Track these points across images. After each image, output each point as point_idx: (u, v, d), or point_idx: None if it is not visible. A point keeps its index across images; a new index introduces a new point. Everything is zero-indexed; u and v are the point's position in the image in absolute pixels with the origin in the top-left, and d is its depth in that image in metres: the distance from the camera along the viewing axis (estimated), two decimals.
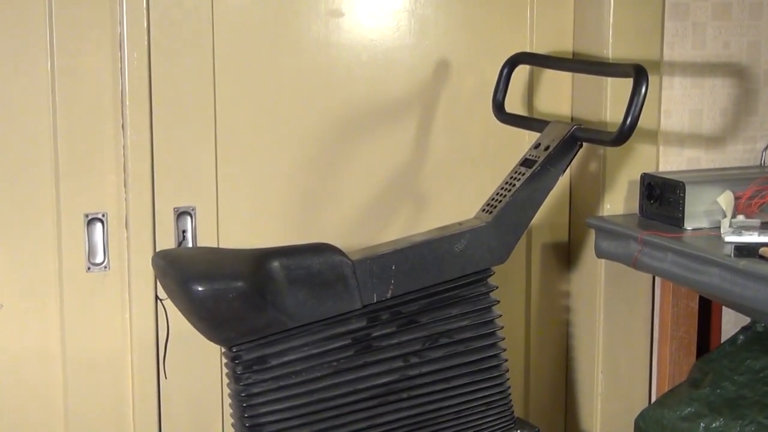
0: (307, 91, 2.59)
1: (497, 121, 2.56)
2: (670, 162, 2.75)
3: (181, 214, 2.53)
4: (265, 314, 2.03)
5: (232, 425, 2.14)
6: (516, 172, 2.30)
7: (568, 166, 2.31)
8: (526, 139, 2.68)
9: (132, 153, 2.46)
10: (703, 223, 2.52)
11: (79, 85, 2.42)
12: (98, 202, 2.47)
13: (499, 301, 2.23)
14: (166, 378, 2.55)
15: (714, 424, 2.43)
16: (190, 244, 2.54)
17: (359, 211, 2.67)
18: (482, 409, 2.25)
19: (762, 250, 2.25)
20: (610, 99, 2.67)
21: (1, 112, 2.39)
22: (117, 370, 2.52)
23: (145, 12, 2.42)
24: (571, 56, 2.76)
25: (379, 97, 2.65)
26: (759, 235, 2.34)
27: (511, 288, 2.83)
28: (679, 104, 2.74)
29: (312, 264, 2.07)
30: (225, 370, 2.13)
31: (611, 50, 2.66)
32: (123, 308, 2.51)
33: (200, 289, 1.98)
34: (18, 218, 2.43)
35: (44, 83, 2.40)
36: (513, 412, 2.30)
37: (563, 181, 2.70)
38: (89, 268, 2.48)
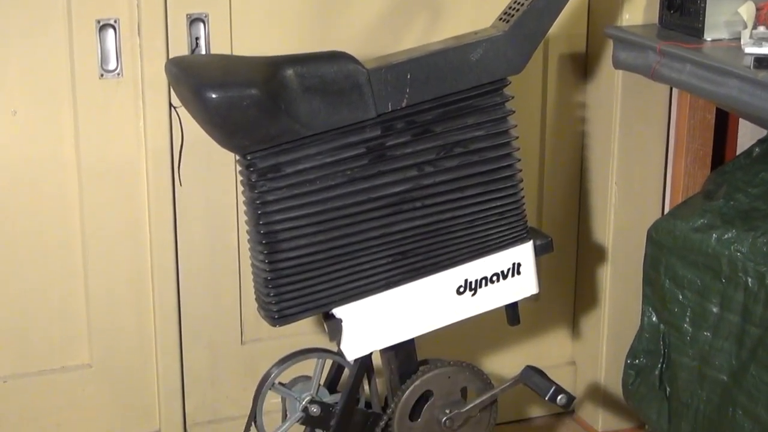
0: None
1: None
2: None
3: (194, 20, 2.50)
4: (279, 122, 2.03)
5: (247, 232, 2.16)
6: None
7: None
8: None
9: None
10: (723, 34, 2.48)
11: None
12: (110, 7, 2.44)
13: (514, 111, 2.22)
14: (181, 185, 2.57)
15: (726, 236, 2.44)
16: (203, 52, 2.52)
17: (375, 20, 2.63)
18: (495, 218, 2.26)
19: None
20: None
21: None
22: (132, 177, 2.53)
23: None
24: None
25: None
26: None
27: (527, 98, 2.81)
28: None
29: (326, 72, 2.05)
30: (240, 178, 2.14)
31: None
32: (137, 116, 2.51)
33: (214, 96, 1.97)
34: (29, 25, 2.41)
35: None
36: (526, 221, 2.31)
37: None
38: (102, 75, 2.47)
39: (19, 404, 2.56)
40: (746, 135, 2.89)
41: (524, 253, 2.32)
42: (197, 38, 2.50)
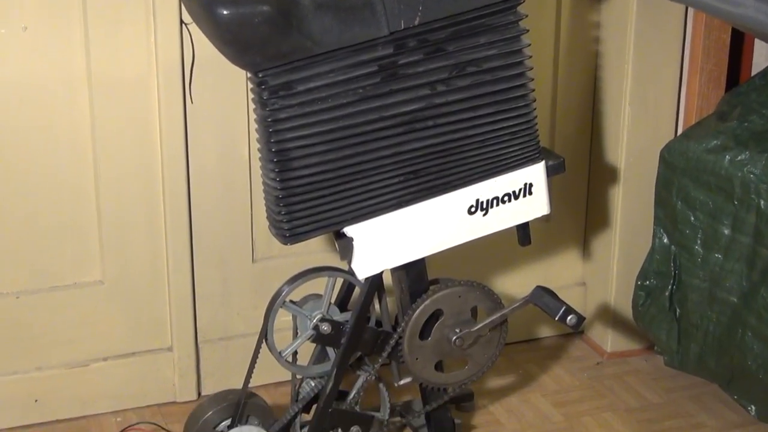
0: None
1: None
2: None
3: None
4: (290, 39, 2.01)
5: (259, 150, 2.16)
6: None
7: None
8: None
9: None
10: None
11: None
12: None
13: (528, 30, 2.19)
14: (192, 103, 2.56)
15: (739, 157, 2.43)
16: None
17: None
18: (508, 138, 2.25)
19: None
20: None
21: None
22: (143, 94, 2.52)
23: None
24: None
25: None
26: None
27: (541, 17, 2.78)
28: None
29: None
30: (251, 96, 2.13)
31: None
32: (148, 32, 2.49)
33: (225, 12, 1.95)
34: None
35: None
36: (539, 141, 2.31)
37: None
38: None
39: (31, 320, 2.58)
40: (762, 56, 2.87)
41: (536, 173, 2.32)
42: None
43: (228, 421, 2.34)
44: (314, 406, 2.36)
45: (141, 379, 2.69)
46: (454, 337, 2.34)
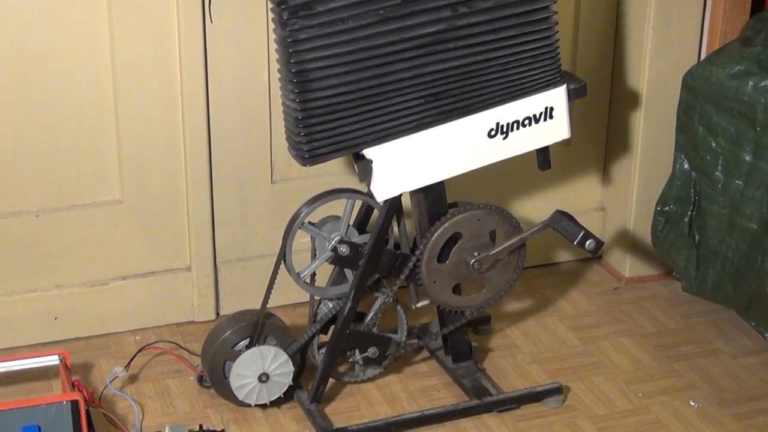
0: None
1: None
2: None
3: None
4: None
5: (278, 70, 2.15)
6: None
7: None
8: None
9: None
10: None
11: None
12: None
13: None
14: (212, 23, 2.54)
15: (763, 83, 2.41)
16: None
17: None
18: (529, 61, 2.24)
19: None
20: None
21: None
22: (163, 13, 2.50)
23: None
24: None
25: None
26: None
27: None
28: None
29: None
30: (271, 16, 2.11)
31: None
32: None
33: None
34: None
35: None
36: (560, 65, 2.29)
37: None
38: None
39: (51, 238, 2.59)
40: None
41: (557, 96, 2.30)
42: None
43: (246, 341, 2.35)
44: (332, 327, 2.37)
45: (160, 299, 2.71)
46: (472, 261, 2.34)
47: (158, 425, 2.35)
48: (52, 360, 2.33)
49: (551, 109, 2.30)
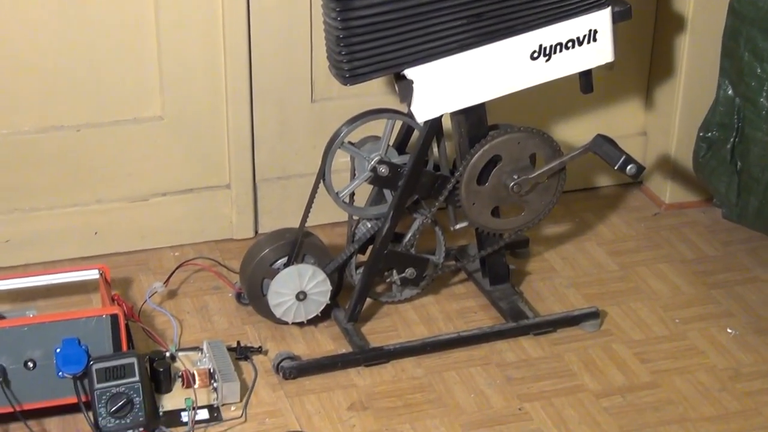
0: None
1: None
2: None
3: None
4: None
5: None
6: None
7: None
8: None
9: None
10: None
11: None
12: None
13: None
14: None
15: None
16: None
17: None
18: None
19: None
20: None
21: None
22: None
23: None
24: None
25: None
26: None
27: None
28: None
29: None
30: None
31: None
32: None
33: None
34: None
35: None
36: None
37: None
38: None
39: (91, 153, 2.60)
40: None
41: (602, 19, 2.28)
42: None
43: (284, 259, 2.36)
44: (370, 248, 2.38)
45: (199, 215, 2.72)
46: (512, 183, 2.33)
47: (196, 341, 2.37)
48: (92, 274, 2.35)
49: (595, 31, 2.28)
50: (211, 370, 2.20)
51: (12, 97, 2.51)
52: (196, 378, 2.19)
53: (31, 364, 2.07)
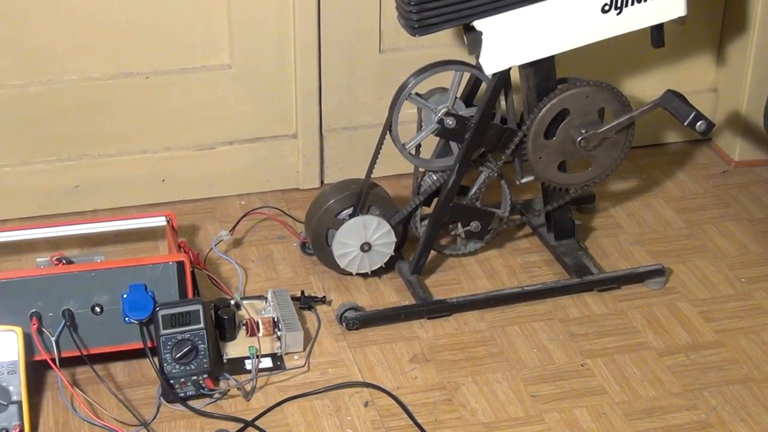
0: None
1: None
2: None
3: None
4: None
5: None
6: None
7: None
8: None
9: None
10: None
11: None
12: None
13: None
14: None
15: None
16: None
17: None
18: None
19: None
20: None
21: None
22: None
23: None
24: None
25: None
26: None
27: None
28: None
29: None
30: None
31: None
32: None
33: None
34: None
35: None
36: None
37: None
38: None
39: (159, 100, 2.61)
40: None
41: None
42: None
43: (350, 210, 2.37)
44: (435, 200, 2.38)
45: (265, 165, 2.73)
46: (579, 138, 2.32)
47: (261, 289, 2.39)
48: (159, 221, 2.38)
49: None
50: (275, 319, 2.22)
51: (82, 44, 2.52)
52: (260, 326, 2.21)
53: (98, 309, 2.10)
